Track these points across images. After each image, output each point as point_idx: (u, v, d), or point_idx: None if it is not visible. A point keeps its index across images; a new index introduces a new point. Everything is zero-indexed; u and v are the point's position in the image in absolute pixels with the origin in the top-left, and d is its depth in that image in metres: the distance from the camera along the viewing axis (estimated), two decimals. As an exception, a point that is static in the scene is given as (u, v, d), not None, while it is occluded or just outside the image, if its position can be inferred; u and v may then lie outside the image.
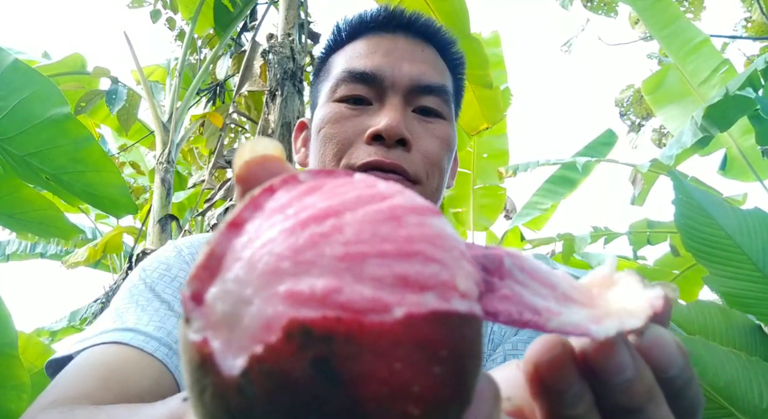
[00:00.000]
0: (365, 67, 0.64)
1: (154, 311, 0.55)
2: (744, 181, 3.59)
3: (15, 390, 1.48)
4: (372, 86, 0.63)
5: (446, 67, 0.70)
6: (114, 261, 5.61)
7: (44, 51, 4.44)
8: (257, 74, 3.16)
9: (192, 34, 3.85)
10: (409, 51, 0.66)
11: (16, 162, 1.70)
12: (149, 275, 0.61)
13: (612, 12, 5.73)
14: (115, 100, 3.63)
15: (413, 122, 0.63)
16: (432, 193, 0.64)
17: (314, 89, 0.74)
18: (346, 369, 0.14)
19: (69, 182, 1.79)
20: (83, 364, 0.50)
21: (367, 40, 0.68)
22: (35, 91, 1.65)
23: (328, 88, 0.66)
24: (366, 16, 0.69)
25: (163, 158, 3.59)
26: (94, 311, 3.91)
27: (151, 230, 3.53)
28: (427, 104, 0.64)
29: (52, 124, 1.67)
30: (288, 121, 2.72)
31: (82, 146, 1.75)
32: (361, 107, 0.64)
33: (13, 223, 1.94)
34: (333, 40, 0.72)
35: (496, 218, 5.06)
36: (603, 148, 4.50)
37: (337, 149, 0.62)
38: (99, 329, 0.54)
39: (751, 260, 1.37)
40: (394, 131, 0.59)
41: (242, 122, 3.64)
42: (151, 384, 0.49)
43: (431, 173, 0.63)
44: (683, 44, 3.35)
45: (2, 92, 1.61)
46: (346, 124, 0.63)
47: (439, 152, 0.64)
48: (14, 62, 1.61)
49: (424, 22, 0.69)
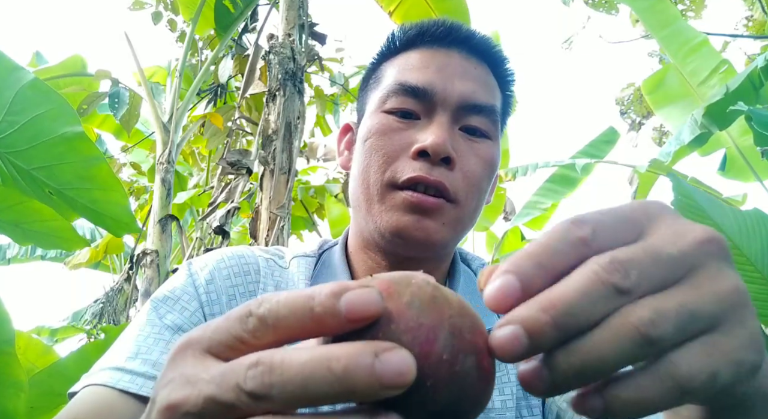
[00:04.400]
0: (417, 82, 0.63)
1: (147, 338, 0.57)
2: (744, 181, 3.59)
3: (12, 388, 1.49)
4: (422, 101, 0.63)
5: (497, 85, 0.69)
6: (114, 262, 5.63)
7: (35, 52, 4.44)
8: (258, 76, 3.17)
9: (192, 35, 3.86)
10: (462, 68, 0.65)
11: (20, 175, 1.71)
12: (156, 296, 0.62)
13: (613, 9, 5.72)
14: (118, 104, 3.64)
15: (459, 140, 0.63)
16: (470, 214, 0.64)
17: (363, 95, 0.73)
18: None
19: (73, 198, 1.81)
20: (73, 408, 0.52)
21: (421, 52, 0.67)
22: (50, 109, 1.67)
23: (378, 98, 0.66)
24: (423, 28, 0.68)
25: (164, 158, 3.60)
26: (94, 311, 3.92)
27: (151, 231, 3.54)
28: (474, 124, 0.64)
29: (63, 141, 1.69)
30: (289, 121, 2.72)
31: (91, 164, 1.76)
32: (410, 120, 0.63)
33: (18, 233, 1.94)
34: (386, 47, 0.71)
35: (497, 218, 5.07)
36: (605, 146, 4.49)
37: (383, 162, 0.62)
38: (101, 363, 0.56)
39: (750, 261, 1.38)
40: (441, 149, 0.59)
41: (242, 124, 3.65)
42: None
43: (470, 194, 0.63)
44: (682, 45, 3.36)
45: (17, 107, 1.64)
46: (393, 137, 0.63)
47: (480, 172, 0.64)
48: (33, 81, 1.64)
49: (479, 39, 0.68)
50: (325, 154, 5.27)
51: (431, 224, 0.60)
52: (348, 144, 0.75)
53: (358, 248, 0.68)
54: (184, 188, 5.18)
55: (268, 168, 2.63)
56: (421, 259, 0.65)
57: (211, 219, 2.73)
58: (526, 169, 3.56)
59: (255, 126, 3.43)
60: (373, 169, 0.63)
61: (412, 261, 0.64)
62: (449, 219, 0.61)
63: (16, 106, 1.63)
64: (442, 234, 0.61)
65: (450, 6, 3.56)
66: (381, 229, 0.61)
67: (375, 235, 0.63)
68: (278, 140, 2.67)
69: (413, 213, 0.60)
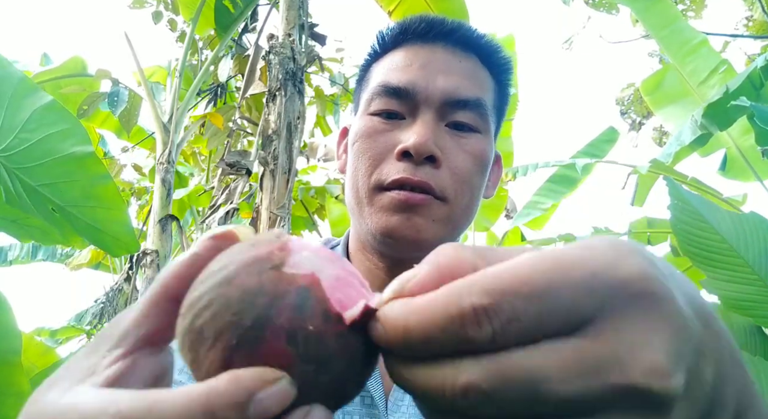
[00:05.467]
0: (399, 82, 0.63)
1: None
2: (744, 181, 3.59)
3: (15, 397, 1.50)
4: (404, 101, 0.63)
5: (488, 75, 0.68)
6: (114, 262, 5.63)
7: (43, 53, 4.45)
8: (258, 77, 3.17)
9: (192, 35, 3.86)
10: (445, 63, 0.64)
11: (25, 190, 1.73)
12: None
13: (613, 9, 5.72)
14: (117, 102, 3.64)
15: (445, 136, 0.62)
16: (462, 211, 0.63)
17: (356, 97, 0.73)
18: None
19: (75, 216, 1.83)
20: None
21: (405, 50, 0.66)
22: (63, 130, 1.71)
23: (365, 100, 0.66)
24: (405, 26, 0.67)
25: (164, 158, 3.60)
26: (95, 311, 3.92)
27: (151, 231, 3.55)
28: (460, 119, 0.63)
29: (72, 160, 1.72)
30: (289, 121, 2.73)
31: (97, 183, 1.79)
32: (394, 121, 0.63)
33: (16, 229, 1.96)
34: (375, 48, 0.71)
35: (497, 218, 5.07)
36: (605, 145, 4.49)
37: (369, 164, 0.62)
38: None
39: (748, 263, 1.38)
40: (423, 148, 0.59)
41: (243, 125, 3.65)
42: None
43: (460, 191, 0.62)
44: (682, 45, 3.36)
45: (31, 126, 1.68)
46: (378, 139, 0.62)
47: (470, 168, 0.62)
48: (51, 102, 1.70)
49: (464, 32, 0.67)
50: (325, 154, 5.27)
51: (421, 221, 0.59)
52: (345, 147, 0.75)
53: (357, 250, 0.68)
54: (184, 186, 5.19)
55: (268, 168, 2.63)
56: (415, 259, 0.64)
57: (210, 221, 2.73)
58: (526, 169, 3.56)
59: (255, 126, 3.44)
60: (361, 172, 0.63)
61: (408, 261, 0.64)
62: (439, 216, 0.60)
63: (31, 124, 1.68)
64: (433, 231, 0.60)
65: (449, 6, 3.56)
66: (372, 231, 0.61)
67: (369, 237, 0.63)
68: (278, 140, 2.68)
69: (402, 212, 0.59)
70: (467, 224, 0.66)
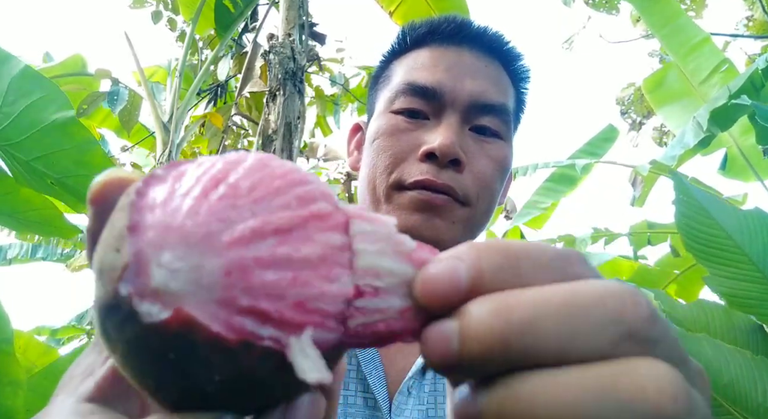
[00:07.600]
0: (426, 82, 0.62)
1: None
2: (744, 181, 3.58)
3: (11, 386, 1.49)
4: (431, 101, 0.62)
5: (510, 82, 0.67)
6: (115, 262, 5.62)
7: (46, 52, 4.45)
8: (258, 75, 3.17)
9: (192, 35, 3.86)
10: (472, 66, 0.64)
11: (22, 167, 1.70)
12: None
13: (613, 9, 5.72)
14: (117, 101, 3.64)
15: (469, 140, 0.62)
16: (481, 215, 0.62)
17: (373, 94, 0.72)
18: None
19: (74, 186, 1.79)
20: None
21: (431, 50, 0.65)
22: (42, 96, 1.65)
23: (387, 98, 0.65)
24: (433, 25, 0.66)
25: (164, 158, 3.60)
26: (95, 312, 3.92)
27: (152, 231, 3.54)
28: (485, 124, 0.62)
29: (56, 128, 1.67)
30: (289, 121, 2.72)
31: (86, 150, 1.75)
32: (418, 120, 0.62)
33: (13, 222, 1.94)
34: (396, 45, 0.70)
35: (497, 218, 5.06)
36: (604, 144, 4.48)
37: (390, 162, 0.61)
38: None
39: (752, 260, 1.37)
40: (449, 151, 0.58)
41: (243, 124, 3.65)
42: None
43: (482, 195, 0.61)
44: (684, 43, 3.35)
45: (11, 98, 1.62)
46: (401, 138, 0.61)
47: (492, 173, 0.62)
48: (24, 69, 1.63)
49: (491, 36, 0.66)
50: (325, 154, 5.27)
51: (441, 223, 0.59)
52: (357, 144, 0.74)
53: None
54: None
55: (268, 168, 2.63)
56: None
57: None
58: (526, 169, 3.55)
59: (255, 126, 3.43)
60: (380, 170, 0.61)
61: None
62: (460, 219, 0.60)
63: (10, 96, 1.62)
64: (453, 233, 0.59)
65: (450, 6, 3.56)
66: None
67: None
68: (278, 140, 2.67)
69: (422, 212, 0.58)
70: (484, 229, 0.65)
